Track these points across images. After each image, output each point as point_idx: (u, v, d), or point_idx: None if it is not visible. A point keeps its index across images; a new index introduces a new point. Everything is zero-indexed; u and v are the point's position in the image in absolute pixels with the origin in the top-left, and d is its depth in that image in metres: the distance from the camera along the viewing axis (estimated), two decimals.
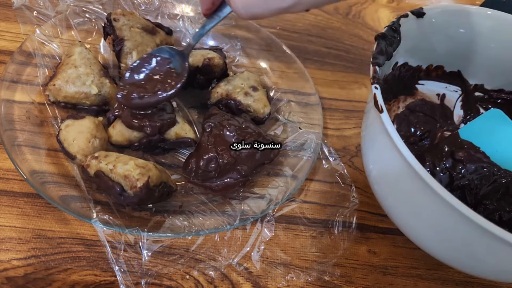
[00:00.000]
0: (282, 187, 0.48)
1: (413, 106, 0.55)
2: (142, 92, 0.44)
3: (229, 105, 0.52)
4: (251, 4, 0.30)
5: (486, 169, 0.45)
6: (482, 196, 0.45)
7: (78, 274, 0.40)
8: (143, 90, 0.44)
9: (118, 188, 0.40)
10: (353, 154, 0.56)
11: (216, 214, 0.45)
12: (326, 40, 0.70)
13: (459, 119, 0.56)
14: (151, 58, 0.47)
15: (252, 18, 0.33)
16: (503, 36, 0.49)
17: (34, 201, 0.44)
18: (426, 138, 0.54)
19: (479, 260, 0.36)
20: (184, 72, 0.46)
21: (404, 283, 0.46)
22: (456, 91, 0.56)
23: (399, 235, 0.48)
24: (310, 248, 0.46)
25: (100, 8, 0.58)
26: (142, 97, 0.44)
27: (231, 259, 0.43)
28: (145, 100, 0.44)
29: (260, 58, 0.62)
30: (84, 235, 0.42)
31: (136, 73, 0.45)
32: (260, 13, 0.30)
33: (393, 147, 0.35)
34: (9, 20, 0.59)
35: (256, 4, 0.30)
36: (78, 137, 0.44)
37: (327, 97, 0.61)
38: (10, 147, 0.44)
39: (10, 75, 0.49)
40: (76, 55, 0.49)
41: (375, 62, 0.40)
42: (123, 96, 0.44)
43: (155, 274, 0.41)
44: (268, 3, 0.29)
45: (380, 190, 0.42)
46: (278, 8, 0.30)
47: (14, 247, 0.41)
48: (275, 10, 0.30)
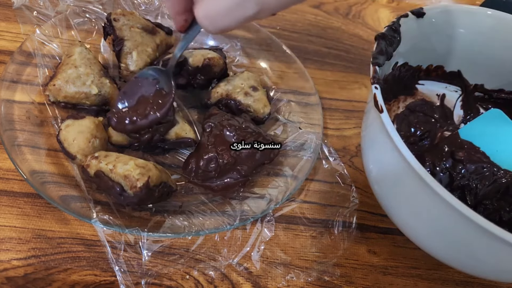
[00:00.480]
0: (282, 187, 0.48)
1: (413, 106, 0.55)
2: (135, 116, 0.45)
3: (229, 105, 0.52)
4: (215, 19, 0.30)
5: (486, 169, 0.45)
6: (482, 196, 0.45)
7: (78, 274, 0.40)
8: (135, 114, 0.45)
9: (118, 188, 0.40)
10: (353, 154, 0.56)
11: (216, 214, 0.45)
12: (326, 40, 0.70)
13: (459, 119, 0.56)
14: (139, 81, 0.47)
15: (220, 31, 0.33)
16: (503, 36, 0.49)
17: (34, 201, 0.44)
18: (426, 138, 0.54)
19: (479, 260, 0.36)
20: (171, 90, 0.46)
21: (404, 283, 0.46)
22: (456, 91, 0.56)
23: (399, 235, 0.48)
24: (310, 248, 0.46)
25: (100, 8, 0.58)
26: (134, 122, 0.45)
27: (231, 259, 0.43)
28: (138, 124, 0.45)
29: (260, 58, 0.62)
30: (84, 235, 0.43)
31: (127, 97, 0.46)
32: (227, 25, 0.30)
33: (393, 147, 0.35)
34: (9, 20, 0.59)
35: (220, 17, 0.30)
36: (78, 137, 0.44)
37: (327, 97, 0.61)
38: (10, 147, 0.44)
39: (10, 75, 0.49)
40: (76, 55, 0.49)
41: (375, 62, 0.40)
42: (117, 123, 0.45)
43: (155, 274, 0.41)
44: (231, 14, 0.29)
45: (380, 190, 0.42)
46: (243, 17, 0.30)
47: (14, 247, 0.41)
48: (240, 20, 0.30)
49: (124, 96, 0.46)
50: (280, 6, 0.30)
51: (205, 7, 0.30)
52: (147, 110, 0.45)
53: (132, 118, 0.45)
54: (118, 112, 0.45)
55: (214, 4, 0.30)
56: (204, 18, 0.30)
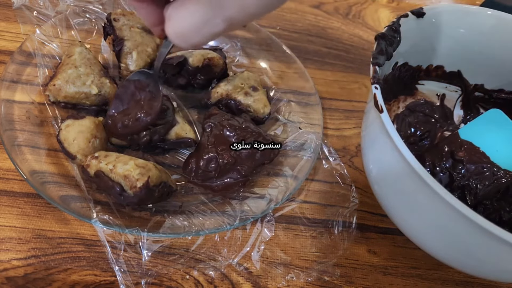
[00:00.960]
0: (282, 187, 0.48)
1: (413, 106, 0.55)
2: (126, 119, 0.46)
3: (229, 105, 0.52)
4: (185, 36, 0.31)
5: (486, 169, 0.45)
6: (482, 196, 0.45)
7: (78, 274, 0.40)
8: (127, 118, 0.46)
9: (118, 188, 0.40)
10: (353, 154, 0.56)
11: (216, 214, 0.45)
12: (326, 40, 0.70)
13: (459, 119, 0.56)
14: (130, 84, 0.47)
15: (191, 47, 0.34)
16: (503, 36, 0.49)
17: (34, 201, 0.44)
18: (426, 138, 0.54)
19: (479, 260, 0.36)
20: (158, 94, 0.46)
21: (404, 283, 0.46)
22: (456, 91, 0.56)
23: (399, 235, 0.48)
24: (310, 248, 0.46)
25: (100, 8, 0.58)
26: (127, 125, 0.45)
27: (231, 259, 0.43)
28: (130, 127, 0.45)
29: (260, 58, 0.62)
30: (84, 235, 0.43)
31: (120, 101, 0.47)
32: (198, 42, 0.31)
33: (393, 147, 0.35)
34: (9, 20, 0.59)
35: (189, 35, 0.30)
36: (79, 137, 0.44)
37: (327, 97, 0.61)
38: (10, 147, 0.44)
39: (10, 75, 0.49)
40: (76, 55, 0.49)
41: (375, 62, 0.40)
42: (110, 127, 0.46)
43: (155, 274, 0.41)
44: (200, 32, 0.30)
45: (380, 190, 0.42)
46: (212, 33, 0.30)
47: (14, 247, 0.41)
48: (210, 37, 0.30)
49: (118, 99, 0.47)
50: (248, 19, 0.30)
51: (174, 25, 0.31)
52: (138, 114, 0.45)
53: (124, 121, 0.46)
54: (112, 117, 0.46)
55: (182, 23, 0.30)
56: (175, 37, 0.31)
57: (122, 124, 0.46)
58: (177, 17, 0.30)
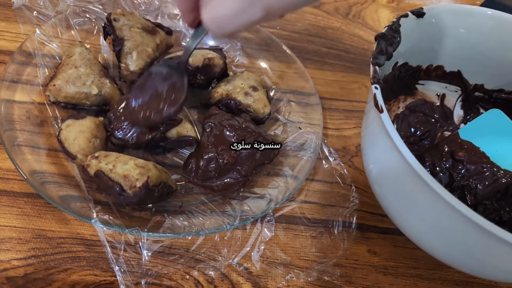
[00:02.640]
0: (282, 187, 0.48)
1: (413, 106, 0.55)
2: (149, 110, 0.45)
3: (229, 105, 0.52)
4: (222, 23, 0.30)
5: (486, 169, 0.45)
6: (482, 196, 0.45)
7: (78, 274, 0.40)
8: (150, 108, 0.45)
9: (118, 188, 0.40)
10: (353, 154, 0.56)
11: (216, 214, 0.45)
12: (326, 40, 0.70)
13: (459, 119, 0.56)
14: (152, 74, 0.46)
15: (226, 35, 0.33)
16: (503, 36, 0.49)
17: (34, 201, 0.44)
18: (426, 138, 0.54)
19: (479, 260, 0.36)
20: (183, 86, 0.45)
21: (404, 283, 0.46)
22: (456, 91, 0.56)
23: (399, 235, 0.48)
24: (310, 248, 0.46)
25: (100, 8, 0.58)
26: (149, 117, 0.44)
27: (231, 259, 0.43)
28: (152, 119, 0.44)
29: (260, 58, 0.62)
30: (84, 235, 0.43)
31: (141, 91, 0.45)
32: (233, 29, 0.30)
33: (393, 147, 0.35)
34: (9, 20, 0.59)
35: (226, 21, 0.30)
36: (79, 136, 0.44)
37: (327, 97, 0.61)
38: (10, 147, 0.44)
39: (10, 75, 0.49)
40: (76, 55, 0.49)
41: (375, 62, 0.40)
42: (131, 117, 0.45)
43: (155, 274, 0.41)
44: (238, 19, 0.29)
45: (380, 190, 0.42)
46: (249, 21, 0.29)
47: (14, 247, 0.41)
48: (246, 24, 0.30)
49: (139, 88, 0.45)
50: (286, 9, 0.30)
51: (211, 11, 0.30)
52: (161, 105, 0.44)
53: (146, 112, 0.44)
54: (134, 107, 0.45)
55: (220, 9, 0.30)
56: (211, 22, 0.30)
57: (144, 115, 0.44)
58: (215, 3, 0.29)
